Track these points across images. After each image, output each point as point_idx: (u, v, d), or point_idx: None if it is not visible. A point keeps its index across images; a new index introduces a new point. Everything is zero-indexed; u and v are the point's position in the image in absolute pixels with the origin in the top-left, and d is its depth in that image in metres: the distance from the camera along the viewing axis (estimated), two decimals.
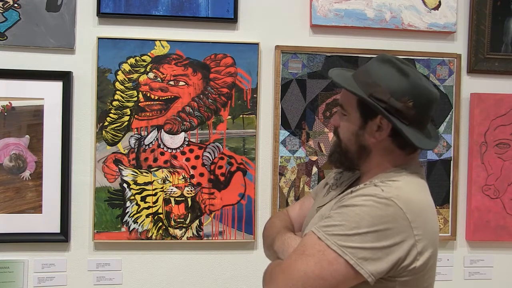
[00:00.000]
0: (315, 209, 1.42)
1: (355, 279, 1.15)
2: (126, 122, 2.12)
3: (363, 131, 1.29)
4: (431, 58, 2.26)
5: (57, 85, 2.08)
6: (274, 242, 1.39)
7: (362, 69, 1.34)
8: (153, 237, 2.13)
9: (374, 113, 1.27)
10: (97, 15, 2.11)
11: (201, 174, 2.15)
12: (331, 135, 2.21)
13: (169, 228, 2.14)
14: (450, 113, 2.28)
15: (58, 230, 2.09)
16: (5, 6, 2.06)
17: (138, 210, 2.12)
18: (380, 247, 1.14)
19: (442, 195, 2.28)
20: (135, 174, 2.12)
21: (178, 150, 2.14)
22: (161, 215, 2.13)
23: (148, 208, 2.13)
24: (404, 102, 1.24)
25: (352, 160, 1.34)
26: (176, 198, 2.14)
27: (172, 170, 2.14)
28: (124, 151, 2.12)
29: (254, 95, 2.17)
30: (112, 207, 2.11)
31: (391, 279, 1.19)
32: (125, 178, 2.12)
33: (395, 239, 1.15)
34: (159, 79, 2.13)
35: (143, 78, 2.12)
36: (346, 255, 1.14)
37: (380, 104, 1.25)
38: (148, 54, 2.12)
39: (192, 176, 2.15)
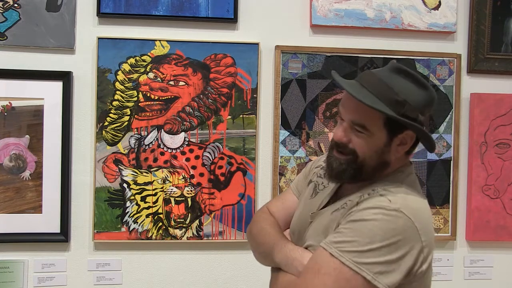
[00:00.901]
0: (308, 214, 1.40)
1: None
2: (126, 122, 2.12)
3: (389, 148, 1.27)
4: (431, 58, 2.26)
5: (57, 85, 2.08)
6: (273, 252, 1.36)
7: (373, 80, 1.26)
8: (153, 237, 2.13)
9: (400, 129, 1.25)
10: (97, 15, 2.11)
11: (201, 174, 2.15)
12: (331, 135, 2.20)
13: (169, 228, 2.14)
14: (450, 113, 2.28)
15: (58, 230, 2.09)
16: (5, 6, 2.06)
17: (138, 210, 2.12)
18: (394, 259, 1.16)
19: (442, 195, 2.28)
20: (135, 174, 2.12)
21: (178, 150, 2.14)
22: (161, 215, 2.13)
23: (148, 208, 2.13)
24: (425, 116, 1.27)
25: (368, 174, 1.29)
26: (176, 198, 2.14)
27: (172, 170, 2.14)
28: (124, 151, 2.12)
29: (254, 95, 2.17)
30: (112, 207, 2.11)
31: (402, 287, 1.20)
32: (125, 178, 2.12)
33: (406, 249, 1.17)
34: (159, 79, 2.13)
35: (143, 78, 2.12)
36: (363, 271, 1.14)
37: (413, 122, 1.24)
38: (148, 54, 2.12)
39: (192, 176, 2.15)
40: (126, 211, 2.12)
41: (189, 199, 2.15)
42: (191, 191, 2.15)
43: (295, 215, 1.49)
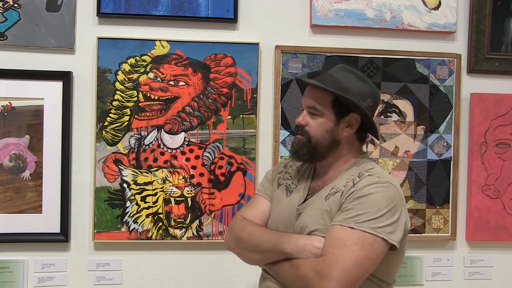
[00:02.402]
0: (293, 209, 1.58)
1: (385, 250, 1.42)
2: (126, 122, 2.12)
3: (337, 128, 1.55)
4: (431, 58, 2.26)
5: (57, 85, 2.08)
6: (281, 245, 1.48)
7: (325, 76, 1.58)
8: (153, 237, 2.13)
9: (346, 112, 1.54)
10: (97, 15, 2.11)
11: (201, 174, 2.15)
12: None
13: (169, 228, 2.14)
14: (450, 113, 2.28)
15: (58, 230, 2.09)
16: (5, 6, 2.06)
17: (138, 210, 2.12)
18: (395, 220, 1.43)
19: (442, 195, 2.28)
20: (135, 174, 2.12)
21: (178, 150, 2.14)
22: (161, 215, 2.13)
23: (148, 208, 2.13)
24: (367, 103, 1.55)
25: (322, 153, 1.56)
26: (176, 198, 2.14)
27: (172, 170, 2.14)
28: (124, 151, 2.12)
29: (254, 95, 2.17)
30: (112, 207, 2.11)
31: (400, 242, 1.46)
32: (125, 178, 2.12)
33: (399, 211, 1.45)
34: (159, 79, 2.13)
35: (143, 78, 2.12)
36: (381, 234, 1.40)
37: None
38: (148, 54, 2.12)
39: (192, 176, 2.15)
40: (126, 211, 2.12)
41: (189, 199, 2.15)
42: (191, 191, 2.15)
43: (273, 215, 1.66)
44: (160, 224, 2.13)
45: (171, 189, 2.14)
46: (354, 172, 1.54)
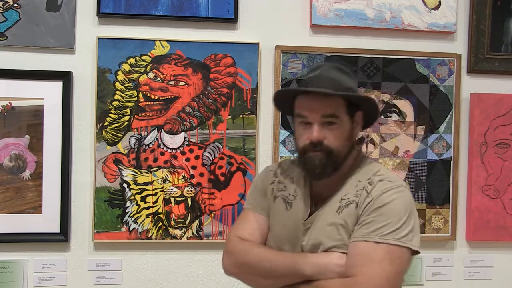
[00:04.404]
0: (297, 223, 1.43)
1: (412, 259, 1.36)
2: (126, 122, 2.12)
3: (353, 131, 1.44)
4: (431, 58, 2.26)
5: (57, 85, 2.08)
6: (298, 268, 1.35)
7: (320, 79, 1.41)
8: (153, 237, 2.13)
9: (354, 112, 1.43)
10: (97, 15, 2.11)
11: (201, 174, 2.15)
12: None
13: (169, 228, 2.14)
14: (450, 113, 2.28)
15: (58, 230, 2.09)
16: (5, 6, 2.06)
17: (138, 210, 2.12)
18: (413, 225, 1.36)
19: (442, 195, 2.28)
20: (135, 174, 2.12)
21: (178, 150, 2.14)
22: (161, 215, 2.13)
23: (148, 208, 2.13)
24: None
25: (342, 162, 1.43)
26: (176, 198, 2.14)
27: (172, 170, 2.14)
28: (124, 151, 2.12)
29: (254, 95, 2.17)
30: (112, 207, 2.11)
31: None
32: (125, 178, 2.12)
33: (414, 214, 1.38)
34: (159, 79, 2.13)
35: (143, 78, 2.12)
36: (406, 243, 1.32)
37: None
38: (148, 54, 2.12)
39: (192, 176, 2.15)
40: (126, 211, 2.12)
41: (189, 199, 2.15)
42: (191, 191, 2.15)
43: (274, 231, 1.49)
44: (160, 224, 2.13)
45: (171, 189, 2.14)
46: (361, 177, 1.42)
